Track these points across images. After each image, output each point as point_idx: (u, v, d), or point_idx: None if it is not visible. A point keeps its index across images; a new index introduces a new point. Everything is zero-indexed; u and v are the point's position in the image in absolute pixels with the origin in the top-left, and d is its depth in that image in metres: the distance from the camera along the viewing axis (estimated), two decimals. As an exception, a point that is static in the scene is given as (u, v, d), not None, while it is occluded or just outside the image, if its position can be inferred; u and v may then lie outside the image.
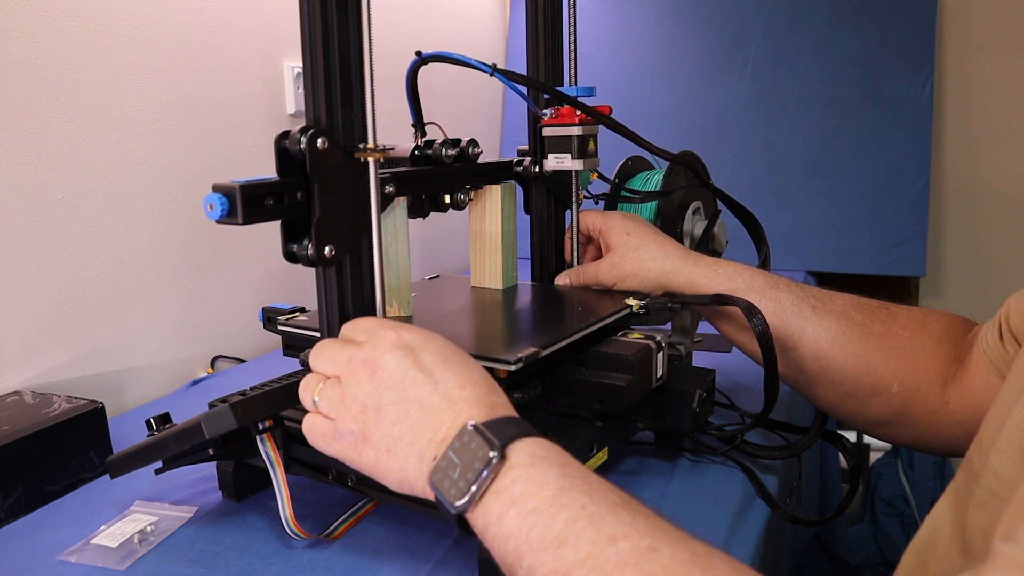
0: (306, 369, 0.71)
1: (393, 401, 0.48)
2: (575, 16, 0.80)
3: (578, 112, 0.76)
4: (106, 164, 0.96)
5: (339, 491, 0.65)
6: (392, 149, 0.64)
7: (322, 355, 0.52)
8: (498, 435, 0.43)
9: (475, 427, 0.44)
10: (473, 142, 0.76)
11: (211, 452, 0.64)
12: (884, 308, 0.69)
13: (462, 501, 0.43)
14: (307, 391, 0.52)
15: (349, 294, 0.57)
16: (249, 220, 0.52)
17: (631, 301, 0.74)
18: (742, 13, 1.83)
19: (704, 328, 1.22)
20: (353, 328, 0.54)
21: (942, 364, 0.64)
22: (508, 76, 0.70)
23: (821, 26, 1.78)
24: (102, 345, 0.97)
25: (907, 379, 0.65)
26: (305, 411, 0.67)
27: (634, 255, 0.75)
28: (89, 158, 0.94)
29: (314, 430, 0.52)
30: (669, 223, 0.85)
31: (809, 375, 0.70)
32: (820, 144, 1.77)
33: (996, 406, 0.48)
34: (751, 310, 0.67)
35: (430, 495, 0.46)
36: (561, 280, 0.82)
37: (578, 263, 0.84)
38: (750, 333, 0.66)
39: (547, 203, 0.85)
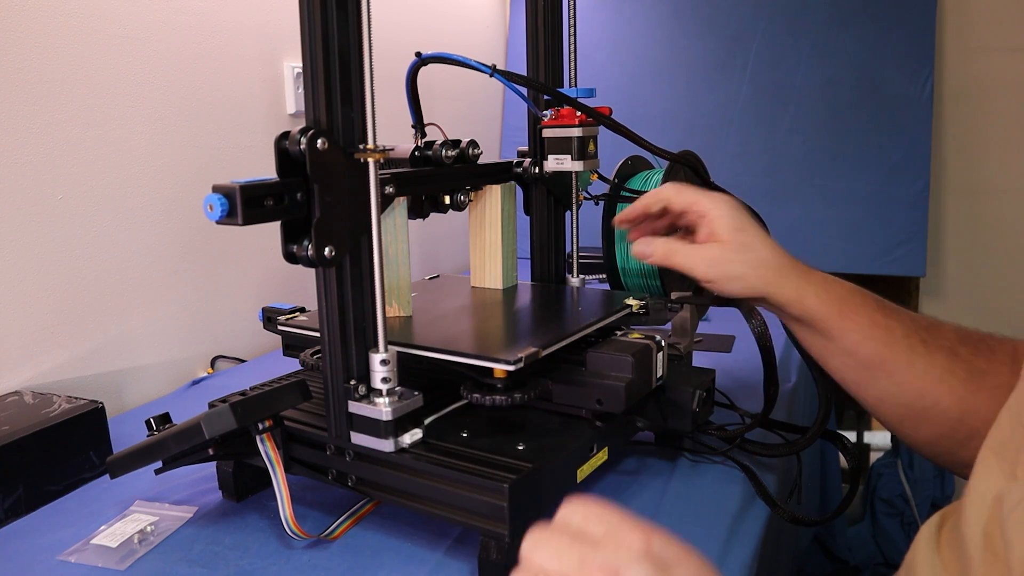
0: (307, 370, 0.71)
1: None
2: (575, 16, 0.81)
3: (578, 113, 0.76)
4: (106, 164, 0.96)
5: (339, 491, 0.65)
6: (392, 150, 0.64)
7: (544, 546, 0.40)
8: None
9: None
10: (473, 143, 0.76)
11: (211, 452, 0.64)
12: (984, 341, 0.62)
13: None
14: None
15: (349, 294, 0.57)
16: (249, 221, 0.52)
17: (631, 301, 0.74)
18: (742, 13, 1.83)
19: (704, 328, 1.22)
20: (584, 516, 0.42)
21: None
22: (508, 77, 0.70)
23: (821, 26, 1.78)
24: (102, 345, 0.97)
25: None
26: (303, 408, 0.67)
27: (746, 257, 0.63)
28: (89, 158, 0.94)
29: None
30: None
31: (904, 411, 0.63)
32: (820, 144, 1.77)
33: None
34: (750, 310, 0.67)
35: None
36: (643, 248, 0.67)
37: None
38: (836, 345, 0.60)
39: (547, 204, 0.86)
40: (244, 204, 0.51)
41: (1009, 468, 0.45)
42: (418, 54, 0.73)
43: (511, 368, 0.58)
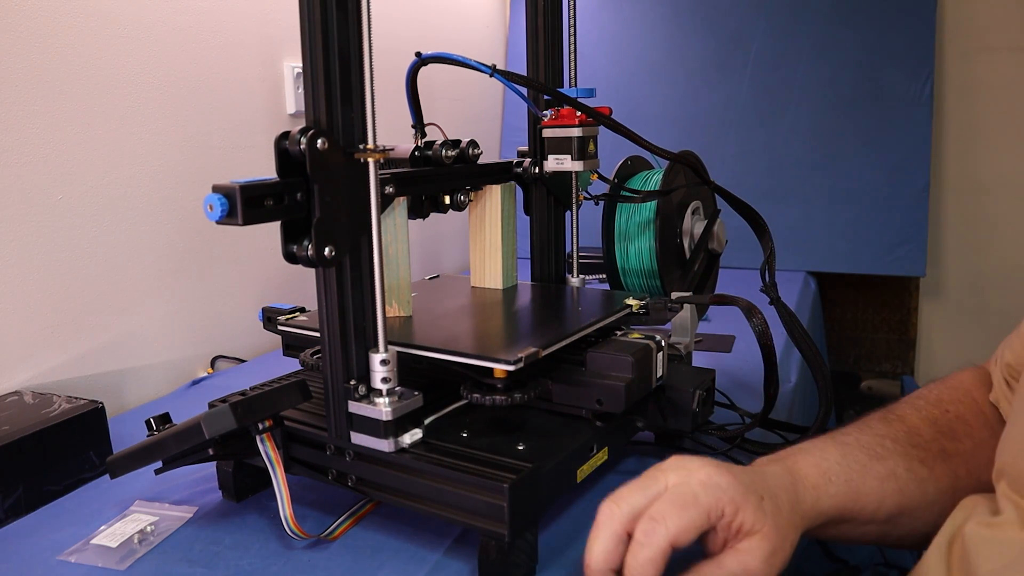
0: (307, 370, 0.71)
1: None
2: (575, 16, 0.81)
3: (578, 113, 0.76)
4: (106, 164, 0.96)
5: (339, 491, 0.65)
6: (392, 150, 0.64)
7: None
8: None
9: None
10: (473, 143, 0.76)
11: (211, 452, 0.64)
12: (954, 415, 0.60)
13: None
14: None
15: (349, 294, 0.57)
16: (249, 221, 0.52)
17: (631, 301, 0.74)
18: (742, 13, 1.83)
19: (704, 328, 1.22)
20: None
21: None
22: (508, 77, 0.70)
23: (821, 26, 1.78)
24: (102, 345, 0.97)
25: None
26: (303, 408, 0.67)
27: (785, 522, 0.50)
28: (89, 158, 0.94)
29: None
30: (669, 223, 0.85)
31: (930, 534, 0.58)
32: (820, 144, 1.77)
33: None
34: (750, 310, 0.67)
35: None
36: None
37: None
38: (856, 523, 0.55)
39: (547, 204, 0.86)
40: (244, 204, 0.51)
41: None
42: (418, 54, 0.73)
43: (511, 368, 0.58)
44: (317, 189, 0.54)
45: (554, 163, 0.80)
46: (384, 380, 0.58)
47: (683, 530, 0.45)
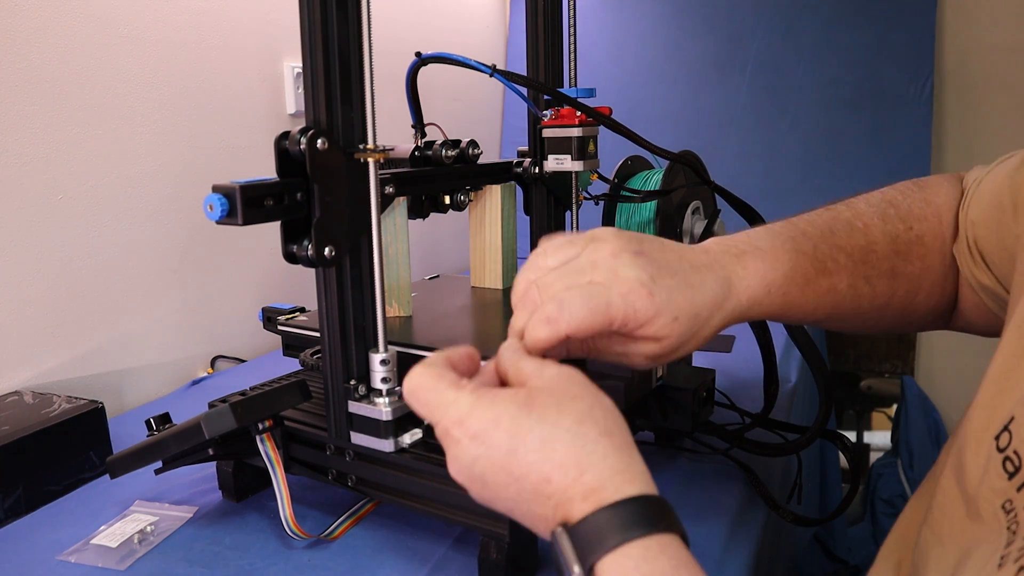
0: (307, 370, 0.71)
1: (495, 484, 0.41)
2: (575, 16, 0.80)
3: (578, 113, 0.76)
4: (106, 164, 0.96)
5: (339, 491, 0.65)
6: (392, 150, 0.64)
7: (413, 399, 0.46)
8: (585, 547, 0.36)
9: (563, 531, 0.37)
10: (473, 143, 0.76)
11: (211, 452, 0.64)
12: (915, 235, 0.60)
13: None
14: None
15: (349, 294, 0.58)
16: (249, 221, 0.52)
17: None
18: (742, 13, 1.83)
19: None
20: (438, 406, 0.44)
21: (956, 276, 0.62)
22: (508, 77, 0.70)
23: (821, 26, 1.78)
24: (102, 345, 0.97)
25: (941, 309, 0.63)
26: (303, 408, 0.67)
27: (690, 337, 0.51)
28: (89, 158, 0.94)
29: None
30: (669, 222, 0.85)
31: (850, 331, 0.65)
32: (820, 144, 1.77)
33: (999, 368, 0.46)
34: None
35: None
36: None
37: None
38: (787, 322, 0.61)
39: (547, 204, 0.86)
40: (244, 204, 0.51)
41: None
42: (418, 54, 0.73)
43: (511, 368, 0.57)
44: (317, 189, 0.54)
45: (554, 163, 0.80)
46: (384, 380, 0.58)
47: (583, 328, 0.48)
